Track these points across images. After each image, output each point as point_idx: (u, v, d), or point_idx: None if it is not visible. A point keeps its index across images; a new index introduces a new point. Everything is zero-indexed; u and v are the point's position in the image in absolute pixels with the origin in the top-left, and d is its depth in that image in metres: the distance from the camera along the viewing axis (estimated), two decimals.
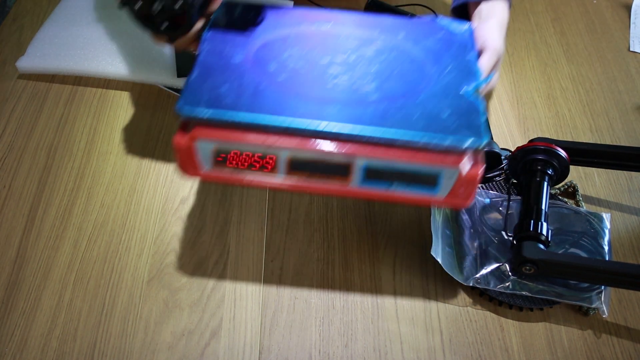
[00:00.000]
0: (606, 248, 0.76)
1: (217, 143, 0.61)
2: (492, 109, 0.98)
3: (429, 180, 0.62)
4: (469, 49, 0.72)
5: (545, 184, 0.77)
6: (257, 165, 0.62)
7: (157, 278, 0.75)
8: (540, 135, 0.93)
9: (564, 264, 0.69)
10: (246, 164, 0.62)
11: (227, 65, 0.66)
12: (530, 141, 0.80)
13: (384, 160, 0.61)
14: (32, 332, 0.70)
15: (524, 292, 0.72)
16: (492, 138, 0.92)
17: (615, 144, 0.93)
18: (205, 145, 0.61)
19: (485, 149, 0.82)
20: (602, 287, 0.72)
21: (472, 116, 0.62)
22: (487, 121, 0.68)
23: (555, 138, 0.92)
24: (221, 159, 0.62)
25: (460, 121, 0.61)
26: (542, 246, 0.70)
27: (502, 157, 0.83)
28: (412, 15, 1.08)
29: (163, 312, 0.72)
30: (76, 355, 0.68)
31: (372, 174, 0.62)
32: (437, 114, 0.62)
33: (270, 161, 0.61)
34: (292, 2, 1.12)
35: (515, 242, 0.72)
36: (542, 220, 0.72)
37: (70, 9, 1.06)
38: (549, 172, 0.78)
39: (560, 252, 0.75)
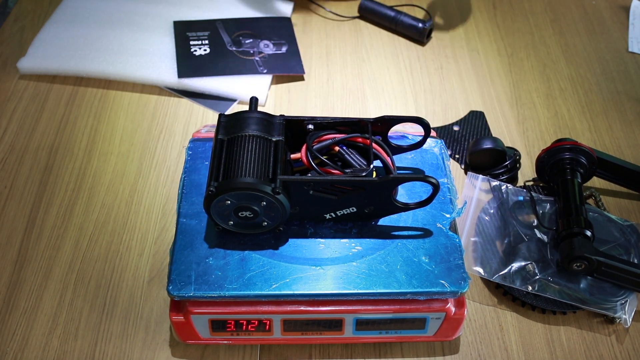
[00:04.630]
0: (637, 260, 0.75)
1: (212, 316, 0.63)
2: (491, 109, 0.98)
3: (417, 325, 0.65)
4: (441, 169, 0.73)
5: (578, 181, 0.77)
6: (254, 328, 0.65)
7: (158, 278, 0.75)
8: (539, 136, 0.94)
9: (617, 268, 0.69)
10: (243, 328, 0.65)
11: (209, 233, 0.65)
12: (554, 142, 0.80)
13: (373, 314, 0.64)
14: (34, 332, 0.70)
15: (548, 295, 0.71)
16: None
17: (614, 145, 0.93)
18: (201, 319, 0.63)
19: (491, 147, 0.83)
20: (627, 297, 0.72)
21: (452, 257, 0.64)
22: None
23: (554, 139, 0.93)
24: (218, 326, 0.64)
25: (441, 267, 0.63)
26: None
27: (507, 155, 0.84)
28: (407, 18, 1.08)
29: (164, 312, 0.72)
30: (77, 354, 0.68)
31: (363, 325, 0.65)
32: (418, 262, 0.63)
33: (266, 323, 0.64)
34: (292, 4, 1.13)
35: (561, 239, 0.72)
36: (585, 216, 0.73)
37: (71, 9, 1.07)
38: (580, 170, 0.79)
39: None
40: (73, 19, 1.05)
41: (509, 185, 0.82)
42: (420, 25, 1.06)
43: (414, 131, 0.75)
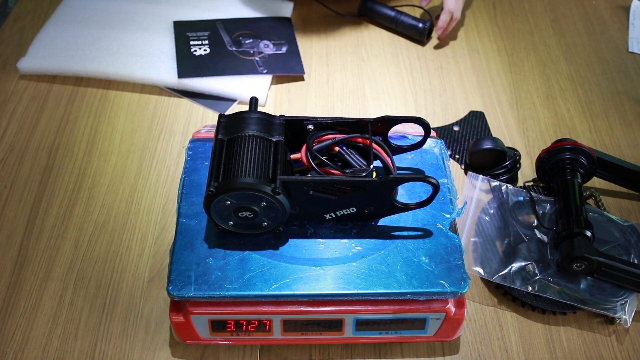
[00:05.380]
0: (637, 260, 0.75)
1: (212, 316, 0.63)
2: (491, 109, 0.98)
3: (417, 325, 0.65)
4: (441, 169, 0.73)
5: (578, 181, 0.77)
6: (253, 329, 0.64)
7: (158, 278, 0.75)
8: (539, 136, 0.94)
9: (617, 268, 0.69)
10: (243, 329, 0.64)
11: (209, 233, 0.65)
12: (554, 142, 0.80)
13: (373, 315, 0.64)
14: (34, 332, 0.70)
15: (548, 295, 0.71)
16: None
17: (614, 145, 0.93)
18: (201, 319, 0.63)
19: (491, 147, 0.83)
20: (627, 297, 0.72)
21: (452, 257, 0.64)
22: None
23: (554, 139, 0.93)
24: (218, 327, 0.64)
25: (441, 267, 0.63)
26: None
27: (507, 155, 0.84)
28: (406, 12, 1.08)
29: (164, 312, 0.72)
30: (77, 354, 0.68)
31: (363, 325, 0.65)
32: (418, 263, 0.63)
33: (266, 324, 0.64)
34: (292, 4, 1.13)
35: (561, 240, 0.72)
36: (585, 216, 0.73)
37: (71, 9, 1.07)
38: (580, 170, 0.79)
39: None
40: (73, 19, 1.05)
41: (509, 185, 0.82)
42: (420, 25, 1.06)
43: (414, 131, 0.75)
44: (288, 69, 1.01)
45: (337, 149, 0.66)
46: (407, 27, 1.08)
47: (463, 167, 0.89)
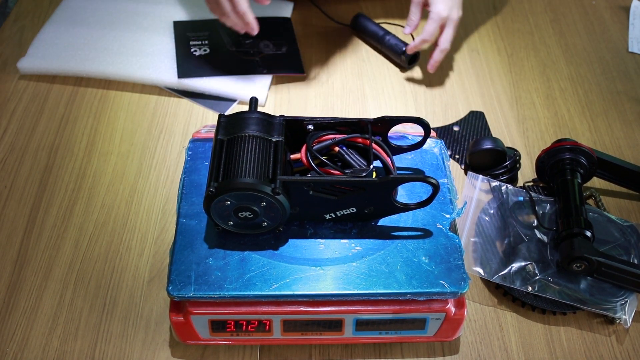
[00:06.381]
0: (637, 260, 0.75)
1: (211, 317, 0.63)
2: (491, 109, 0.98)
3: (417, 325, 0.65)
4: (441, 169, 0.72)
5: (578, 181, 0.77)
6: (253, 329, 0.64)
7: (158, 278, 0.75)
8: (539, 136, 0.94)
9: (617, 268, 0.69)
10: (242, 329, 0.64)
11: (209, 233, 0.65)
12: (554, 142, 0.80)
13: (373, 315, 0.64)
14: (33, 332, 0.70)
15: (548, 295, 0.71)
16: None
17: (614, 145, 0.93)
18: (200, 319, 0.63)
19: (491, 147, 0.83)
20: (627, 297, 0.72)
21: (452, 257, 0.64)
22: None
23: (554, 139, 0.93)
24: (218, 327, 0.64)
25: (441, 267, 0.63)
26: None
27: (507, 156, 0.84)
28: (393, 36, 1.05)
29: (164, 312, 0.72)
30: (77, 354, 0.68)
31: (363, 325, 0.65)
32: (418, 263, 0.63)
33: (266, 324, 0.64)
34: (292, 4, 1.13)
35: (561, 240, 0.72)
36: (585, 216, 0.73)
37: (71, 9, 1.07)
38: (580, 170, 0.79)
39: None
40: (73, 19, 1.05)
41: (508, 185, 0.82)
42: (402, 53, 1.01)
43: (414, 131, 0.75)
44: (288, 69, 1.01)
45: (337, 149, 0.66)
46: (391, 51, 1.04)
47: (463, 167, 0.89)
